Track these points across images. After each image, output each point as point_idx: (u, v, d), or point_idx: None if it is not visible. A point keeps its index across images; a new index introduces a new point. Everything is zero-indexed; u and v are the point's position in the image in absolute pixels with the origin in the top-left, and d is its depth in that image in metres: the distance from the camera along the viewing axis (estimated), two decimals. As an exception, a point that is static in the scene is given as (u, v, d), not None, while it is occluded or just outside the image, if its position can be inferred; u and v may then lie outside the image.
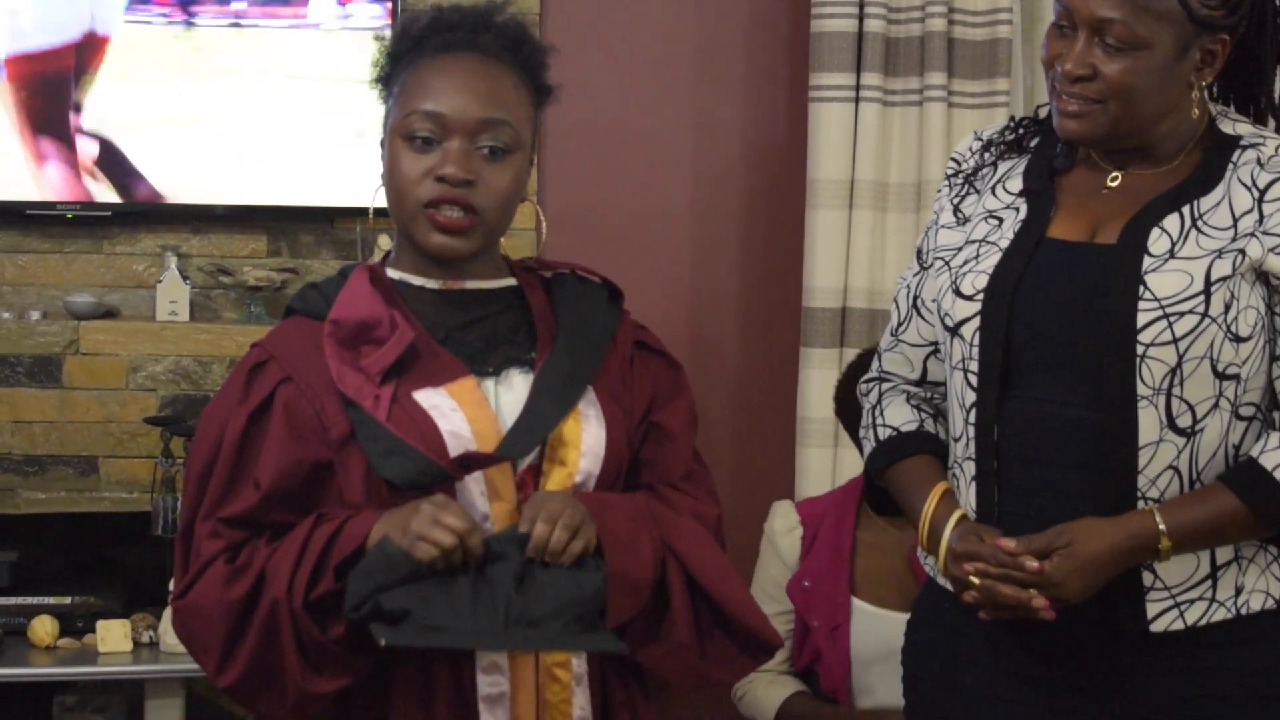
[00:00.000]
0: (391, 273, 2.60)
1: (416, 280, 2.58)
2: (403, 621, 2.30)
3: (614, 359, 2.63)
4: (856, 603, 3.86)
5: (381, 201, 2.60)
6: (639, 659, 2.51)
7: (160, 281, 4.64)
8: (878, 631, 3.78)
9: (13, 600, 4.36)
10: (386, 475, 2.41)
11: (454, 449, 2.43)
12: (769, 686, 3.90)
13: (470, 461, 2.43)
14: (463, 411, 2.47)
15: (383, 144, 2.58)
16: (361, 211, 4.55)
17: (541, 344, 2.57)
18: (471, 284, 2.59)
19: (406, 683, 2.44)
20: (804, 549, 4.00)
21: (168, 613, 4.25)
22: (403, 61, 2.57)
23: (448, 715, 2.44)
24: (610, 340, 2.63)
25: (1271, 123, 2.73)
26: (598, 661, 2.52)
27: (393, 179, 2.52)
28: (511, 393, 2.53)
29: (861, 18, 4.59)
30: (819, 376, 4.60)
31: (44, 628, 4.26)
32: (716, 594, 2.52)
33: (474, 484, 2.45)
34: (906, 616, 2.92)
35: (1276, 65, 2.70)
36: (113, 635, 4.25)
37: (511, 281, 2.64)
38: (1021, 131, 2.81)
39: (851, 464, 4.37)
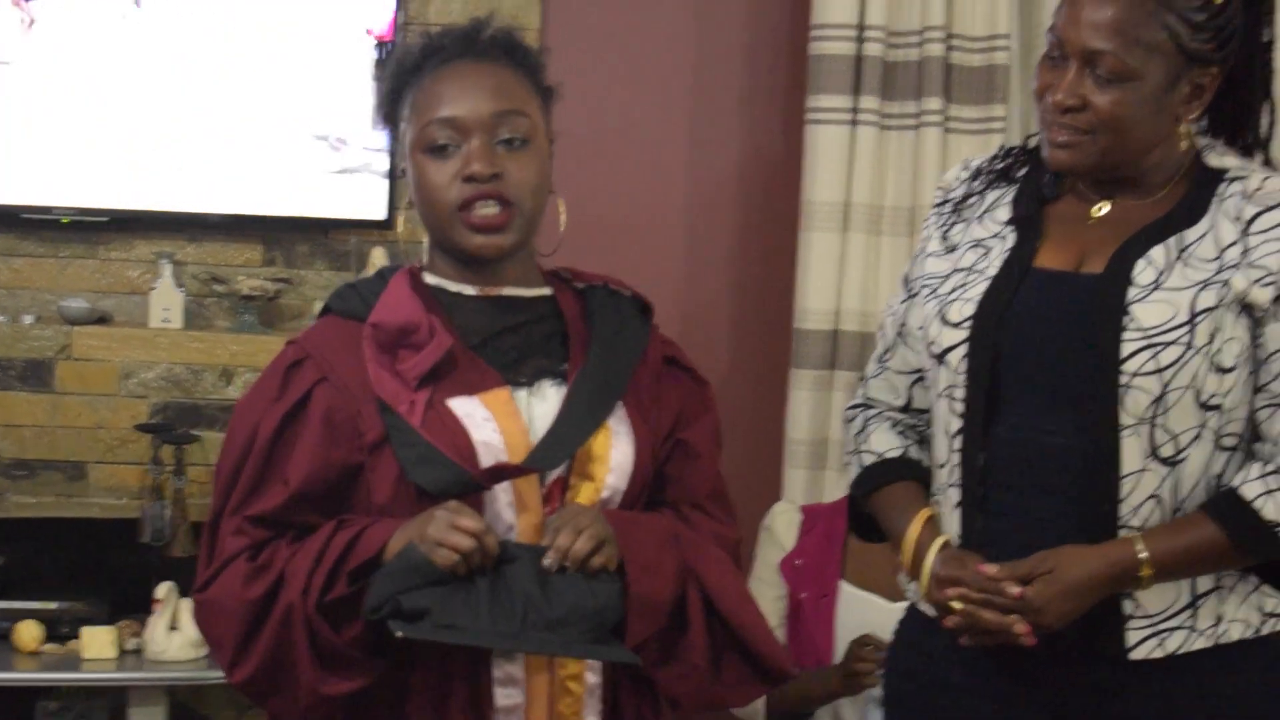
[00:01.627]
0: (428, 278, 2.61)
1: (453, 286, 2.59)
2: (421, 620, 2.32)
3: (644, 374, 2.64)
4: (845, 585, 3.90)
5: (416, 223, 2.63)
6: (654, 678, 2.53)
7: (154, 288, 4.65)
8: (864, 613, 3.82)
9: (-1, 604, 4.39)
10: (419, 482, 2.42)
11: (485, 459, 2.45)
12: None
13: (500, 473, 2.44)
14: (496, 422, 2.48)
15: (403, 171, 2.60)
16: (356, 224, 4.65)
17: (574, 356, 2.59)
18: (508, 290, 2.60)
19: (422, 693, 2.46)
20: (800, 534, 4.06)
21: (153, 620, 4.27)
22: (405, 89, 2.59)
23: None
24: (641, 355, 2.65)
25: (1258, 156, 2.75)
26: (610, 677, 2.54)
27: (421, 191, 2.54)
28: (544, 404, 2.54)
29: (860, 41, 4.58)
30: (808, 398, 4.62)
31: (29, 632, 4.27)
32: (734, 619, 2.54)
33: (502, 494, 2.46)
34: (891, 604, 2.94)
35: (1263, 99, 2.72)
36: (97, 642, 4.25)
37: (546, 291, 2.65)
38: (1010, 161, 2.83)
39: (836, 486, 4.39)
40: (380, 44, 4.62)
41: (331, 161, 4.67)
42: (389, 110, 2.62)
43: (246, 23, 4.62)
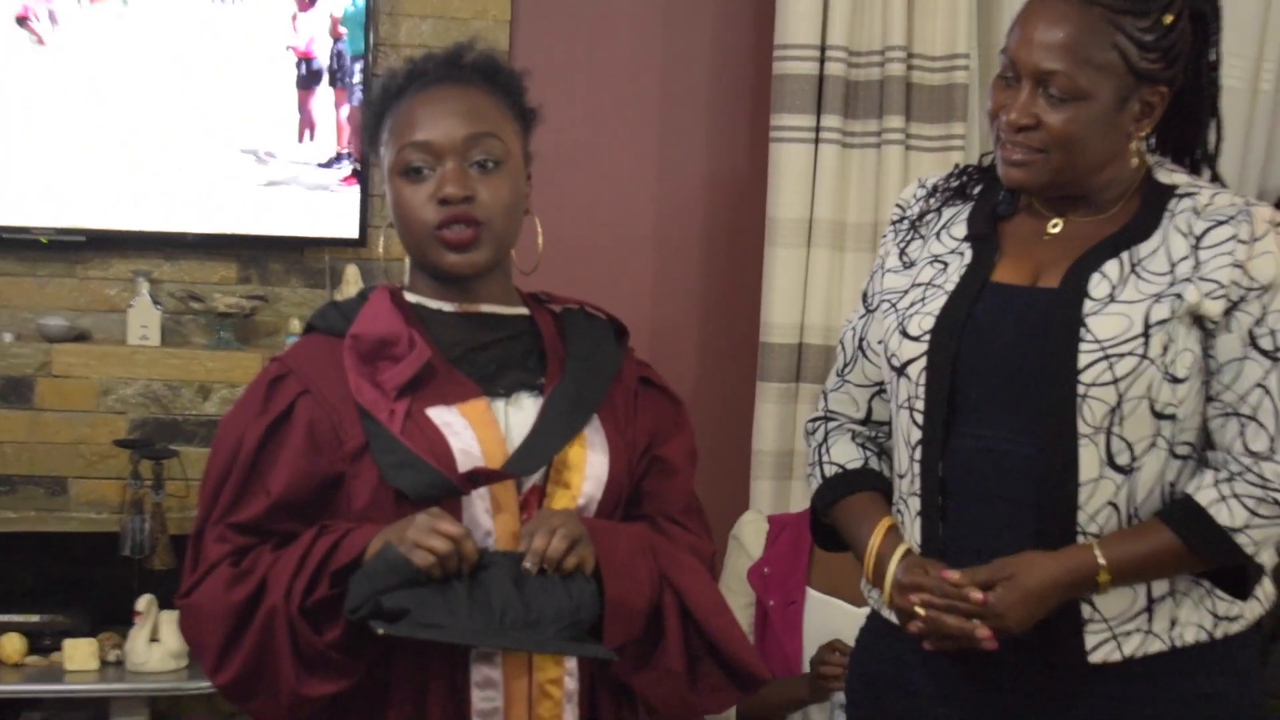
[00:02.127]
0: (409, 296, 2.63)
1: (433, 303, 2.61)
2: (401, 619, 2.33)
3: (619, 392, 2.66)
4: (811, 591, 3.91)
5: (395, 241, 2.64)
6: (631, 684, 2.54)
7: (132, 306, 4.65)
8: (830, 618, 3.84)
9: (-19, 618, 4.38)
10: (398, 486, 2.43)
11: (463, 465, 2.46)
12: None
13: (477, 477, 2.45)
14: (473, 430, 2.49)
15: (384, 193, 2.61)
16: (330, 242, 4.66)
17: (551, 370, 2.60)
18: (486, 307, 2.62)
19: (402, 695, 2.47)
20: (767, 542, 4.07)
21: (133, 632, 4.27)
22: (386, 114, 2.60)
23: None
24: (616, 374, 2.66)
25: (1206, 172, 2.77)
26: (589, 682, 2.55)
27: (399, 212, 2.55)
28: (520, 414, 2.55)
29: (823, 61, 4.60)
30: (774, 410, 4.63)
31: (12, 645, 4.27)
32: (709, 627, 2.55)
33: (479, 499, 2.47)
34: (857, 609, 2.95)
35: (1210, 117, 2.74)
36: (80, 654, 4.25)
37: (524, 310, 2.67)
38: (965, 179, 2.84)
39: (803, 496, 4.39)
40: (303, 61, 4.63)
41: (306, 182, 4.67)
42: (372, 134, 2.64)
43: (218, 47, 4.62)
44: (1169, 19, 2.59)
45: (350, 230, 4.68)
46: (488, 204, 2.52)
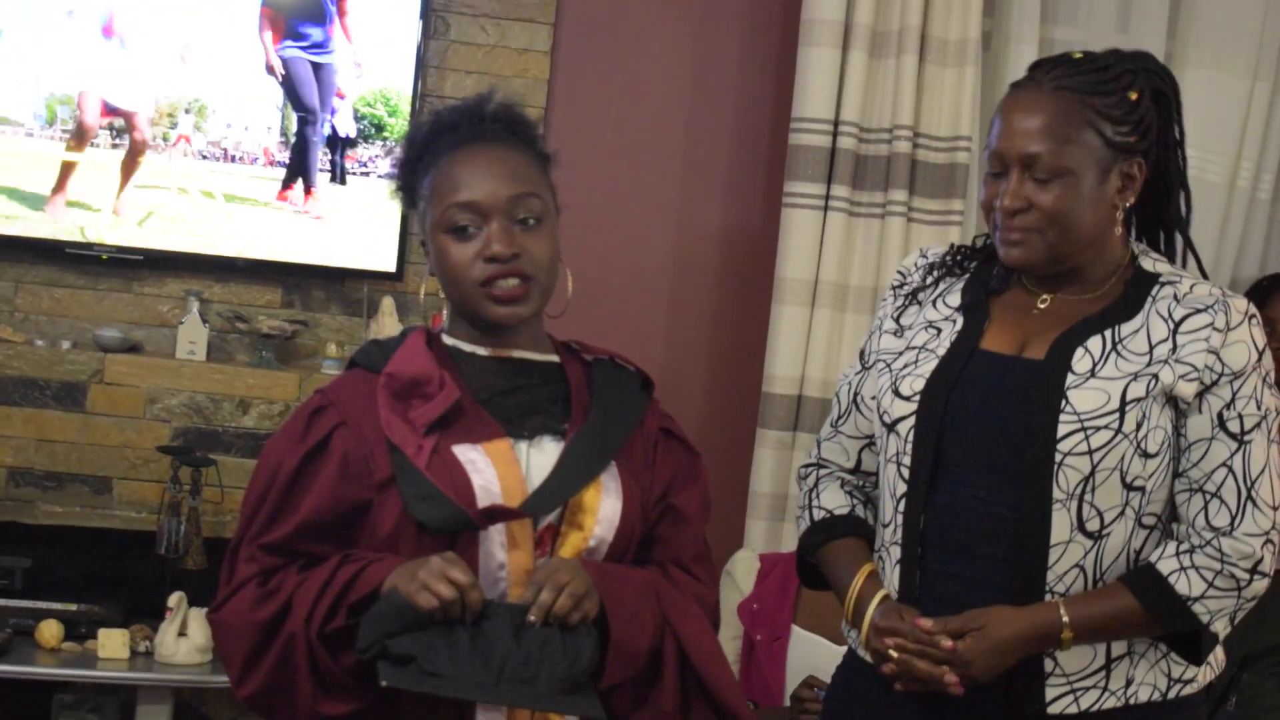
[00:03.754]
0: (446, 339, 2.61)
1: (468, 347, 2.59)
2: (407, 665, 2.30)
3: (640, 440, 2.63)
4: (796, 628, 3.89)
5: (432, 286, 2.63)
6: None
7: (182, 323, 4.65)
8: (812, 654, 3.81)
9: (24, 603, 4.36)
10: (419, 518, 2.41)
11: (483, 501, 2.43)
12: None
13: (495, 514, 2.43)
14: (495, 469, 2.47)
15: (424, 243, 2.59)
16: (369, 274, 4.66)
17: (575, 417, 2.57)
18: (518, 353, 2.59)
19: (409, 712, 2.43)
20: (758, 580, 4.06)
21: (164, 626, 4.26)
22: (420, 165, 2.58)
23: None
24: (639, 423, 2.63)
25: (1190, 260, 2.77)
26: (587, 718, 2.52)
27: (445, 269, 2.52)
28: (542, 456, 2.52)
29: (835, 135, 4.60)
30: (772, 456, 4.61)
31: (50, 631, 4.26)
32: (705, 674, 2.52)
33: (496, 534, 2.45)
34: (839, 647, 2.93)
35: (1179, 187, 2.73)
36: (112, 643, 4.24)
37: (554, 358, 2.64)
38: (961, 256, 2.84)
39: (794, 537, 4.37)
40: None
41: (350, 219, 4.67)
42: (407, 185, 2.62)
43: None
44: (1134, 96, 2.60)
45: (389, 265, 4.68)
46: (534, 260, 2.50)
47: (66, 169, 4.56)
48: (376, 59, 4.68)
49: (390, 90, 4.69)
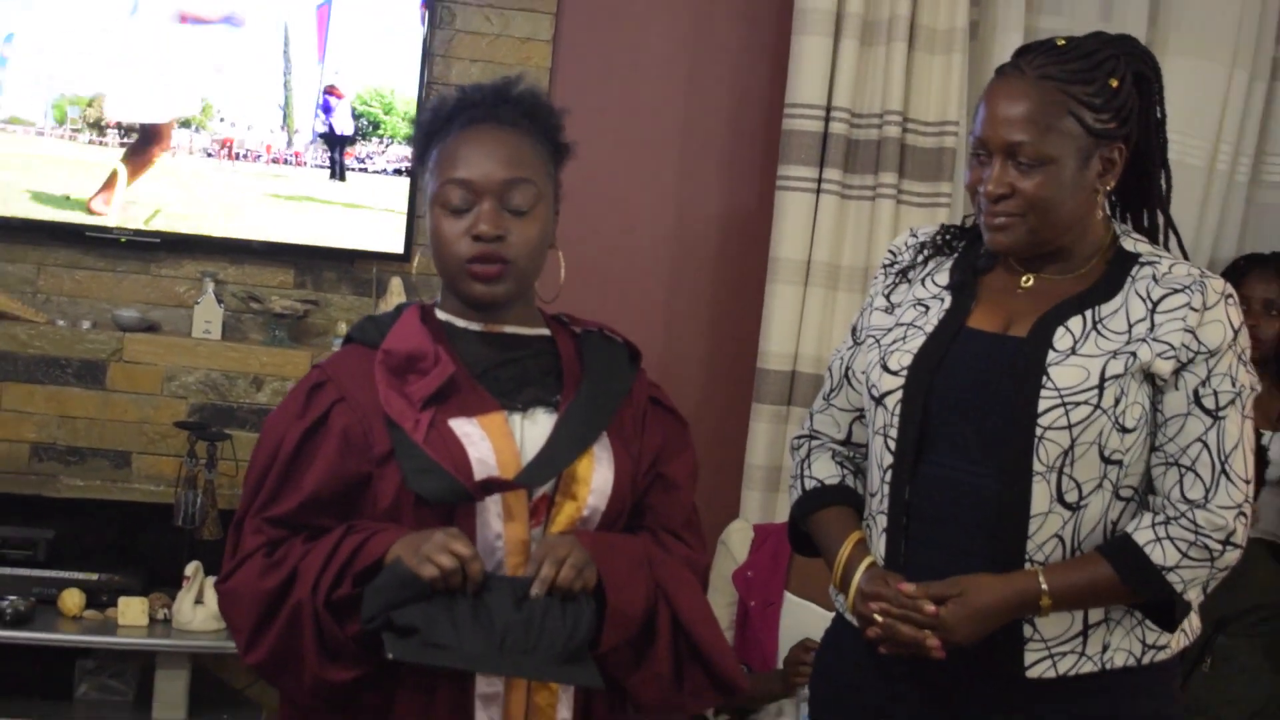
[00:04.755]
0: (440, 314, 2.61)
1: (460, 322, 2.59)
2: (410, 636, 2.30)
3: (629, 411, 2.63)
4: (789, 595, 3.91)
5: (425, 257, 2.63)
6: (623, 684, 2.51)
7: (198, 303, 4.66)
8: (804, 619, 3.84)
9: (47, 573, 4.38)
10: (418, 490, 2.41)
11: (479, 473, 2.44)
12: None
13: (491, 486, 2.43)
14: (490, 441, 2.47)
15: (423, 214, 2.59)
16: (378, 256, 4.66)
17: (567, 389, 2.57)
18: (509, 328, 2.60)
19: (413, 677, 2.44)
20: (752, 549, 4.07)
21: (181, 594, 4.27)
22: (435, 139, 2.58)
23: (447, 709, 2.45)
24: (628, 394, 2.63)
25: (1171, 239, 2.77)
26: None
27: (435, 241, 2.53)
28: (535, 428, 2.53)
29: (828, 120, 4.60)
30: (767, 429, 4.62)
31: (72, 599, 4.27)
32: (697, 636, 2.53)
33: (492, 505, 2.45)
34: (829, 612, 2.94)
35: (1161, 168, 2.73)
36: (132, 610, 4.26)
37: (545, 331, 2.64)
38: (949, 236, 2.84)
39: (788, 507, 4.38)
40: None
41: (360, 202, 4.68)
42: (420, 155, 2.62)
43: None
44: (1114, 83, 2.60)
45: (396, 246, 4.68)
46: (516, 244, 2.50)
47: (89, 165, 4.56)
48: (382, 48, 4.67)
49: (385, 89, 4.68)
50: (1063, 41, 2.66)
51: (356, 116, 4.67)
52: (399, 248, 4.68)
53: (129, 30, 4.53)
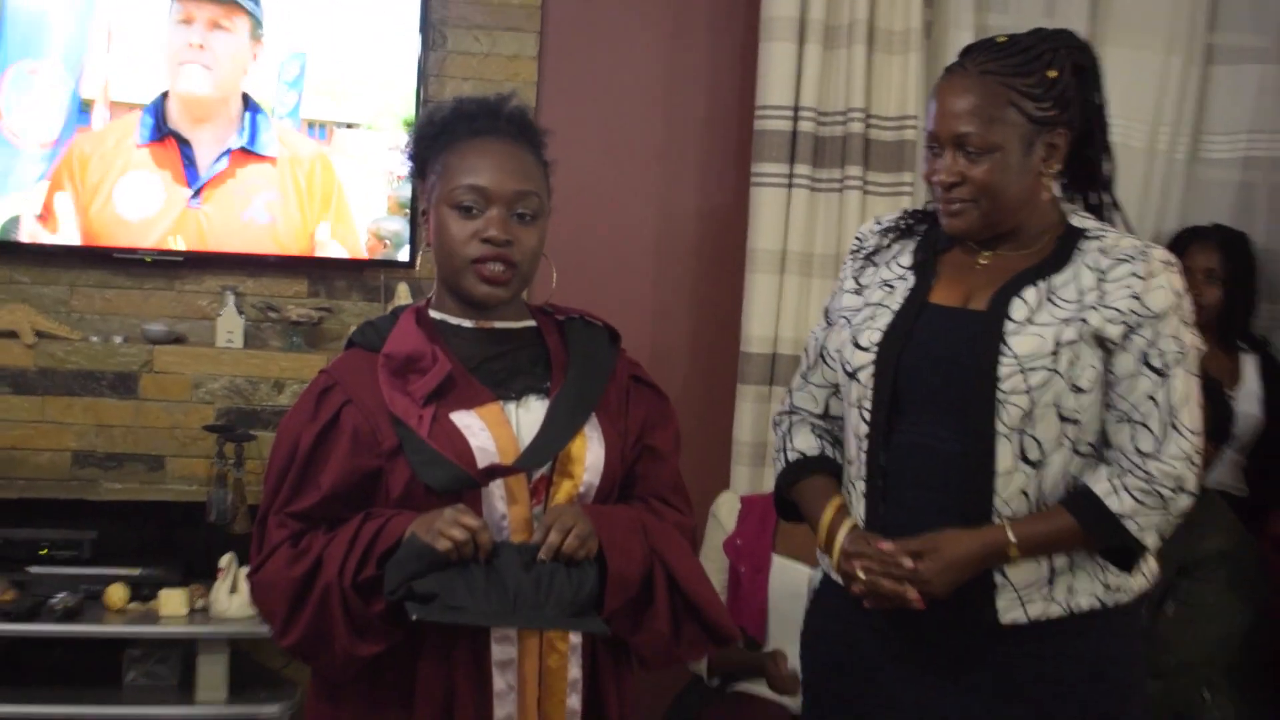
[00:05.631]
0: (433, 313, 2.62)
1: (454, 320, 2.60)
2: (431, 602, 2.33)
3: (613, 389, 2.64)
4: (776, 557, 3.92)
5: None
6: (627, 642, 2.54)
7: (220, 315, 4.65)
8: (791, 578, 3.87)
9: (92, 570, 4.39)
10: (427, 481, 2.43)
11: (482, 461, 2.46)
12: None
13: (494, 472, 2.45)
14: (489, 430, 2.49)
15: (424, 213, 2.60)
16: (385, 264, 4.66)
17: (555, 376, 2.59)
18: (499, 324, 2.61)
19: (432, 646, 2.46)
20: (740, 519, 4.09)
21: (217, 584, 4.28)
22: (436, 144, 2.59)
23: (466, 675, 2.47)
24: (611, 374, 2.65)
25: (1114, 214, 2.78)
26: (589, 638, 2.55)
27: (443, 240, 2.54)
28: (529, 414, 2.55)
29: (796, 119, 4.60)
30: (752, 408, 4.62)
31: (117, 594, 4.27)
32: (691, 593, 2.55)
33: (496, 489, 2.47)
34: (813, 570, 2.96)
35: (1104, 151, 2.74)
36: (172, 601, 4.26)
37: (531, 323, 2.66)
38: (911, 220, 2.85)
39: (773, 478, 4.39)
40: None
41: (366, 217, 4.68)
42: (418, 152, 2.63)
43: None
44: (1053, 73, 2.62)
45: (402, 255, 4.69)
46: (523, 250, 2.52)
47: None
48: (382, 71, 4.67)
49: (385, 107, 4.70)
50: (1003, 39, 2.68)
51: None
52: (404, 256, 4.69)
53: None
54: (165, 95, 4.54)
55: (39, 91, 4.47)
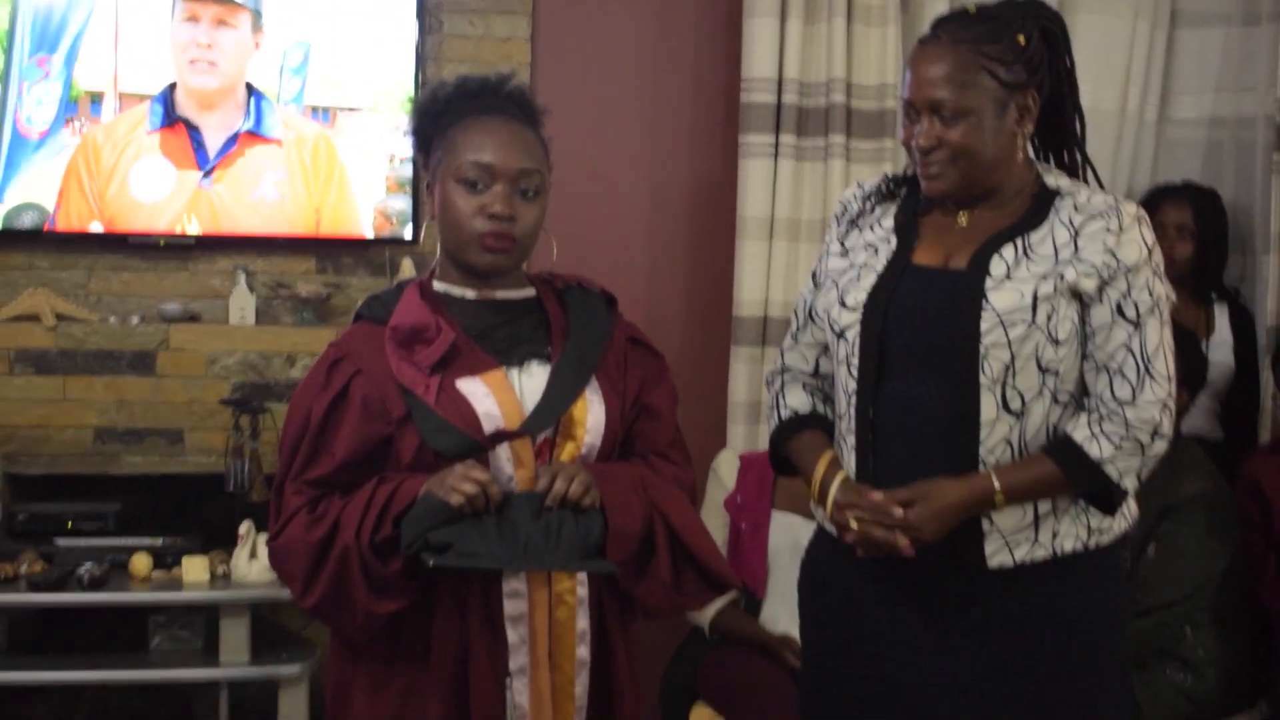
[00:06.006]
0: (437, 285, 2.63)
1: (457, 291, 2.61)
2: (445, 551, 2.36)
3: (611, 352, 2.65)
4: (775, 512, 3.94)
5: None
6: (630, 593, 2.56)
7: (232, 293, 4.67)
8: (791, 531, 3.88)
9: (117, 541, 4.41)
10: (436, 447, 2.45)
11: (488, 427, 2.48)
12: None
13: (500, 436, 2.48)
14: (494, 397, 2.51)
15: (429, 186, 2.61)
16: (390, 241, 4.67)
17: (555, 342, 2.60)
18: (501, 294, 2.62)
19: (447, 605, 2.49)
20: (739, 476, 4.11)
21: (237, 551, 4.30)
22: (440, 121, 2.60)
23: (479, 628, 2.49)
24: (609, 338, 2.66)
25: (1089, 173, 2.79)
26: (596, 590, 2.57)
27: (448, 213, 2.55)
28: (532, 380, 2.56)
29: (780, 91, 4.60)
30: (746, 369, 4.63)
31: (141, 563, 4.29)
32: (691, 544, 2.57)
33: (502, 453, 2.49)
34: (811, 522, 2.97)
35: (1074, 111, 2.76)
36: (195, 568, 4.27)
37: (531, 292, 2.67)
38: (892, 185, 2.86)
39: (768, 434, 4.42)
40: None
41: (371, 195, 4.69)
42: (423, 134, 2.63)
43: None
44: (1022, 39, 2.63)
45: (406, 233, 4.70)
46: (523, 225, 2.54)
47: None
48: (381, 56, 4.68)
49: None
50: (973, 9, 2.69)
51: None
52: (408, 234, 4.70)
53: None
54: (173, 86, 4.54)
55: (51, 84, 4.47)
